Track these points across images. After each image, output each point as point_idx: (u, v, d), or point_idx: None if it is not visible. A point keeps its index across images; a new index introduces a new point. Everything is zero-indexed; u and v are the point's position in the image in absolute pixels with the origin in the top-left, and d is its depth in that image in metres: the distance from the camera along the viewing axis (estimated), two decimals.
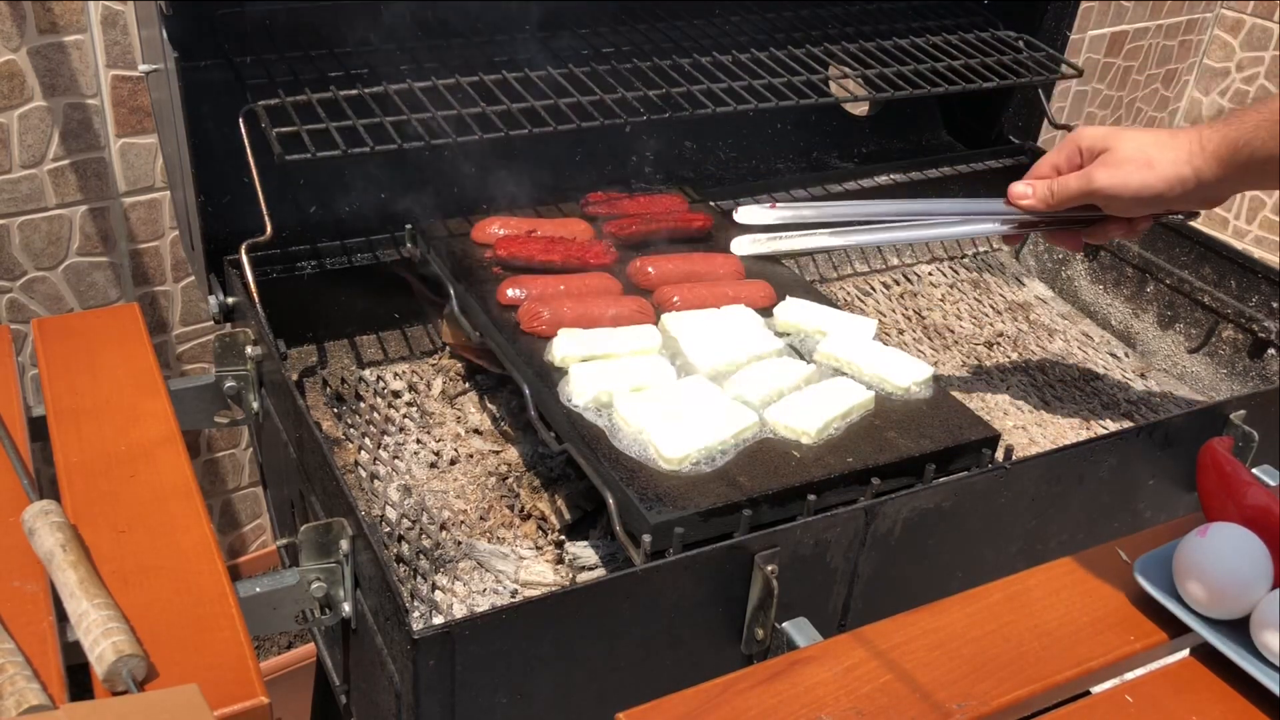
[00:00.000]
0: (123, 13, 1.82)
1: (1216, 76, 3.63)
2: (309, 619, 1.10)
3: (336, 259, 1.49)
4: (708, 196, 1.63)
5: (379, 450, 1.36)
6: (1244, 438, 1.33)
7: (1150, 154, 1.18)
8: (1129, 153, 1.19)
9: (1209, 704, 0.96)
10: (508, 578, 1.20)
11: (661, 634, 1.04)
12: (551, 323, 1.28)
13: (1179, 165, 1.16)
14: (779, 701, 0.91)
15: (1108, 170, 1.20)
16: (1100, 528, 1.32)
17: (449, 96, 1.41)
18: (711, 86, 1.51)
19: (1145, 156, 1.18)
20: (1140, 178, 1.18)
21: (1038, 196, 1.28)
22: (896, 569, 1.15)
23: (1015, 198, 1.30)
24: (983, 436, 1.20)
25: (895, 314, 1.75)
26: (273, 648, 2.37)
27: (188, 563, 0.99)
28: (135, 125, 1.90)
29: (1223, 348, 1.66)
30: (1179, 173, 1.16)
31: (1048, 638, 1.00)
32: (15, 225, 1.86)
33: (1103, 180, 1.21)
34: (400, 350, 1.53)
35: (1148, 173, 1.18)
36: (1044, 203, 1.28)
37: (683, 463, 1.11)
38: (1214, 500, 1.09)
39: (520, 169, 1.54)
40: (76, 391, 1.20)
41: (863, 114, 1.96)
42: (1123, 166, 1.19)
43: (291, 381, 1.22)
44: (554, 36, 1.58)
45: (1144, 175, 1.18)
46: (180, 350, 2.12)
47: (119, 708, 0.82)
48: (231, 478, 2.31)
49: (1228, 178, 1.14)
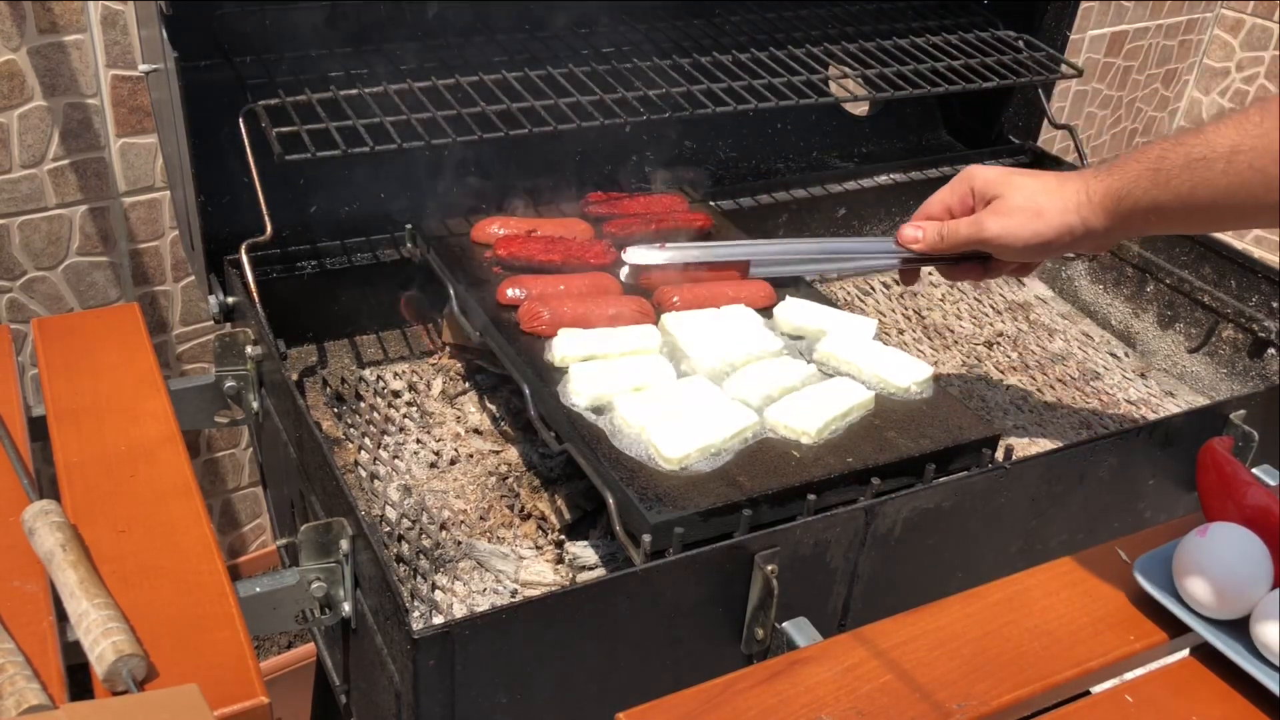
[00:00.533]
0: (123, 13, 1.82)
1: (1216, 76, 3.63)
2: (309, 619, 1.10)
3: (336, 259, 1.49)
4: (708, 196, 1.63)
5: (379, 450, 1.36)
6: (1244, 438, 1.33)
7: (1040, 202, 1.18)
8: (1019, 201, 1.20)
9: (1209, 704, 0.96)
10: (508, 578, 1.20)
11: (661, 634, 1.04)
12: (551, 323, 1.28)
13: (1067, 214, 1.17)
14: (779, 701, 0.91)
15: (998, 219, 1.21)
16: (1100, 528, 1.32)
17: (449, 96, 1.41)
18: (711, 86, 1.51)
19: (1035, 205, 1.18)
20: (1031, 228, 1.19)
21: (927, 241, 1.29)
22: (896, 569, 1.15)
23: (906, 241, 1.30)
24: (983, 436, 1.19)
25: (895, 314, 1.75)
26: (273, 648, 2.37)
27: (188, 563, 0.99)
28: (135, 125, 1.90)
29: (1223, 348, 1.66)
30: (1067, 222, 1.17)
31: (1048, 638, 1.00)
32: (15, 225, 1.86)
33: (993, 229, 1.21)
34: (400, 350, 1.53)
35: (1037, 222, 1.18)
36: (934, 248, 1.28)
37: (683, 463, 1.11)
38: (1214, 500, 1.09)
39: (520, 169, 1.54)
40: (76, 391, 1.20)
41: (863, 114, 1.96)
42: (1013, 216, 1.20)
43: (291, 381, 1.22)
44: (554, 36, 1.58)
45: (1034, 225, 1.18)
46: (180, 350, 2.12)
47: (119, 708, 0.82)
48: (231, 478, 2.31)
49: (1114, 227, 1.15)
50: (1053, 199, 1.18)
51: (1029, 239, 1.19)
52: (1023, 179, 1.22)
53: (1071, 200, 1.17)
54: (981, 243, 1.23)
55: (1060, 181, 1.19)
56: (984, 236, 1.22)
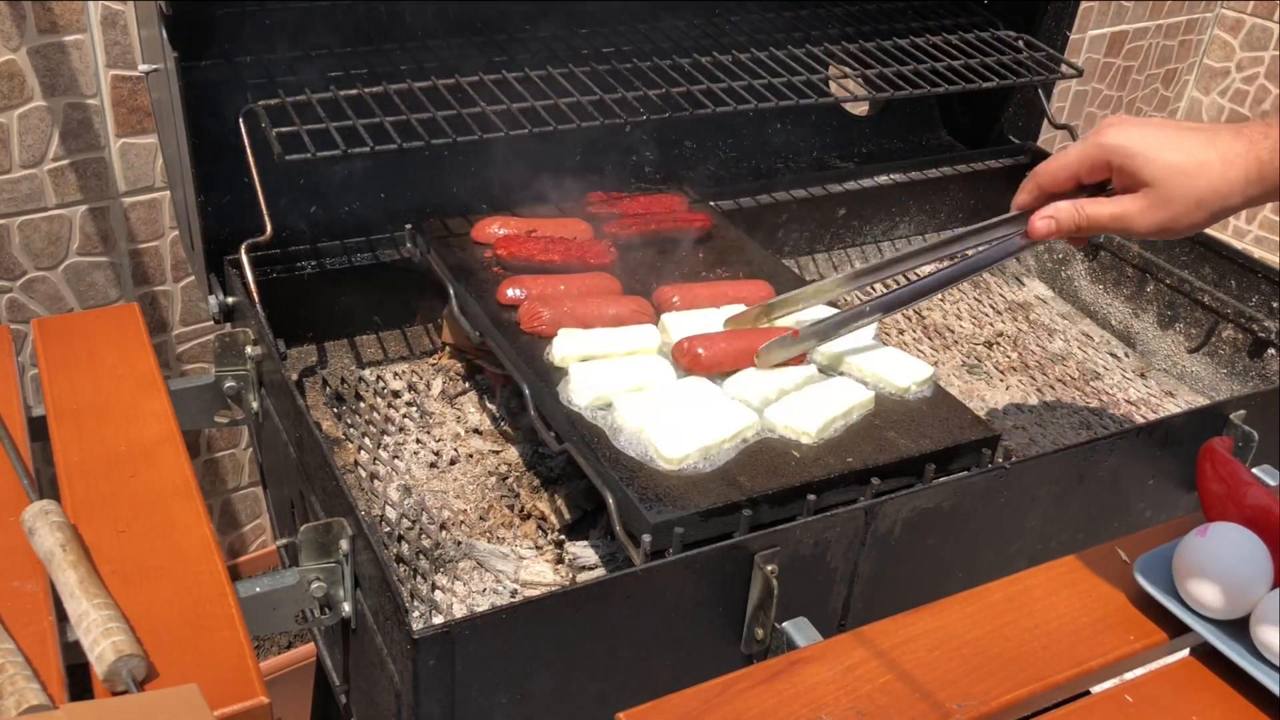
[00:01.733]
0: (123, 13, 1.81)
1: (1216, 76, 3.63)
2: (309, 619, 1.10)
3: (336, 259, 1.49)
4: (708, 196, 1.63)
5: (379, 450, 1.36)
6: (1244, 438, 1.33)
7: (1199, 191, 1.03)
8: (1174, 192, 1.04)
9: (1209, 704, 0.96)
10: (508, 578, 1.20)
11: (661, 634, 1.04)
12: (551, 323, 1.28)
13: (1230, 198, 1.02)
14: (779, 701, 0.91)
15: (1150, 215, 1.06)
16: (1100, 528, 1.32)
17: (448, 96, 1.41)
18: (711, 86, 1.51)
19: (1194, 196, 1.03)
20: (1190, 219, 1.05)
21: (1062, 227, 1.12)
22: (896, 569, 1.15)
23: (1039, 235, 1.14)
24: (983, 436, 1.19)
25: (895, 314, 1.75)
26: (273, 648, 2.37)
27: (188, 563, 0.99)
28: (135, 125, 1.90)
29: (1223, 348, 1.66)
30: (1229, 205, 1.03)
31: (1048, 638, 1.00)
32: (15, 225, 1.86)
33: (1147, 223, 1.06)
34: (400, 350, 1.53)
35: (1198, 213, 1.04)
36: (1071, 233, 1.13)
37: (683, 463, 1.11)
38: (1214, 500, 1.09)
39: (520, 169, 1.54)
40: (76, 391, 1.20)
41: (863, 114, 1.96)
42: (1170, 207, 1.05)
43: (291, 381, 1.22)
44: (554, 36, 1.58)
45: (1192, 217, 1.04)
46: (180, 350, 2.12)
47: (119, 708, 0.82)
48: (231, 478, 2.31)
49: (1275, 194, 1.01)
50: (1214, 183, 1.02)
51: (1186, 229, 1.06)
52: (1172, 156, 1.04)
53: (1238, 180, 1.02)
54: (1128, 232, 1.09)
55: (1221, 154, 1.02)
56: (1133, 229, 1.07)
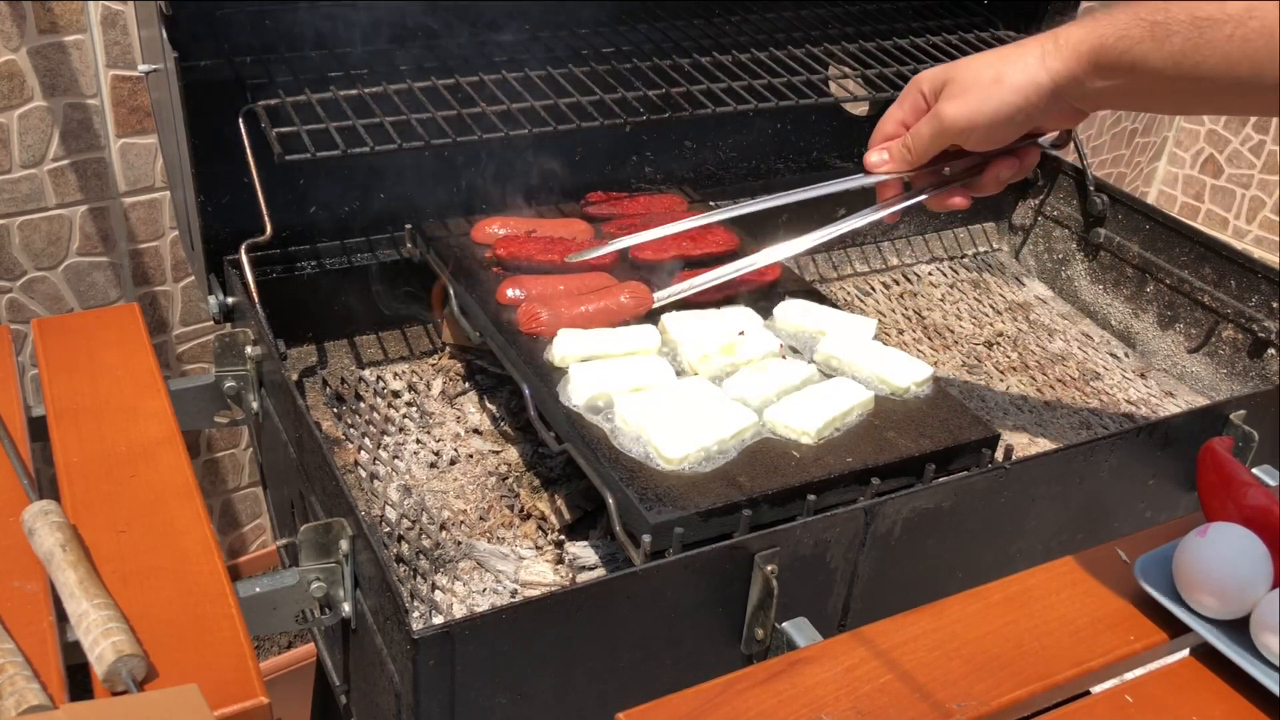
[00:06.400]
0: (123, 13, 1.82)
1: None
2: (309, 619, 1.10)
3: (336, 259, 1.49)
4: (708, 196, 1.63)
5: (379, 450, 1.36)
6: (1244, 438, 1.33)
7: (997, 69, 1.06)
8: (973, 75, 1.08)
9: (1209, 704, 0.96)
10: (508, 578, 1.20)
11: (661, 634, 1.04)
12: (551, 323, 1.28)
13: (1030, 70, 1.04)
14: (779, 701, 0.91)
15: (954, 102, 1.09)
16: (1100, 528, 1.32)
17: (449, 96, 1.41)
18: (711, 86, 1.51)
19: (992, 74, 1.06)
20: (995, 98, 1.06)
21: (895, 158, 1.17)
22: (896, 569, 1.15)
23: (873, 167, 1.18)
24: (983, 436, 1.19)
25: (895, 314, 1.75)
26: (273, 648, 2.37)
27: (188, 563, 0.99)
28: (135, 125, 1.90)
29: (1223, 348, 1.66)
30: (1033, 79, 1.04)
31: (1048, 638, 1.00)
32: (15, 225, 1.86)
33: (953, 113, 1.09)
34: (400, 350, 1.53)
35: (999, 89, 1.06)
36: (904, 163, 1.16)
37: (682, 463, 1.11)
38: (1214, 500, 1.09)
39: (520, 169, 1.54)
40: (76, 391, 1.20)
41: (863, 114, 1.96)
42: (970, 91, 1.08)
43: (291, 381, 1.22)
44: (554, 36, 1.58)
45: (996, 94, 1.06)
46: (180, 350, 2.12)
47: (119, 708, 0.82)
48: (231, 478, 2.31)
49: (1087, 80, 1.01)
50: (1010, 61, 1.06)
51: (994, 112, 1.07)
52: (973, 56, 1.10)
53: (1034, 54, 1.04)
54: (945, 133, 1.11)
55: (1019, 43, 1.07)
56: (945, 125, 1.10)
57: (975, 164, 1.19)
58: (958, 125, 1.10)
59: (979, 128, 1.09)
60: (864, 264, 1.85)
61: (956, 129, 1.10)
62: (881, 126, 1.19)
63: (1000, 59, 1.07)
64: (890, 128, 1.18)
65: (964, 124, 1.09)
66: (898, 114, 1.17)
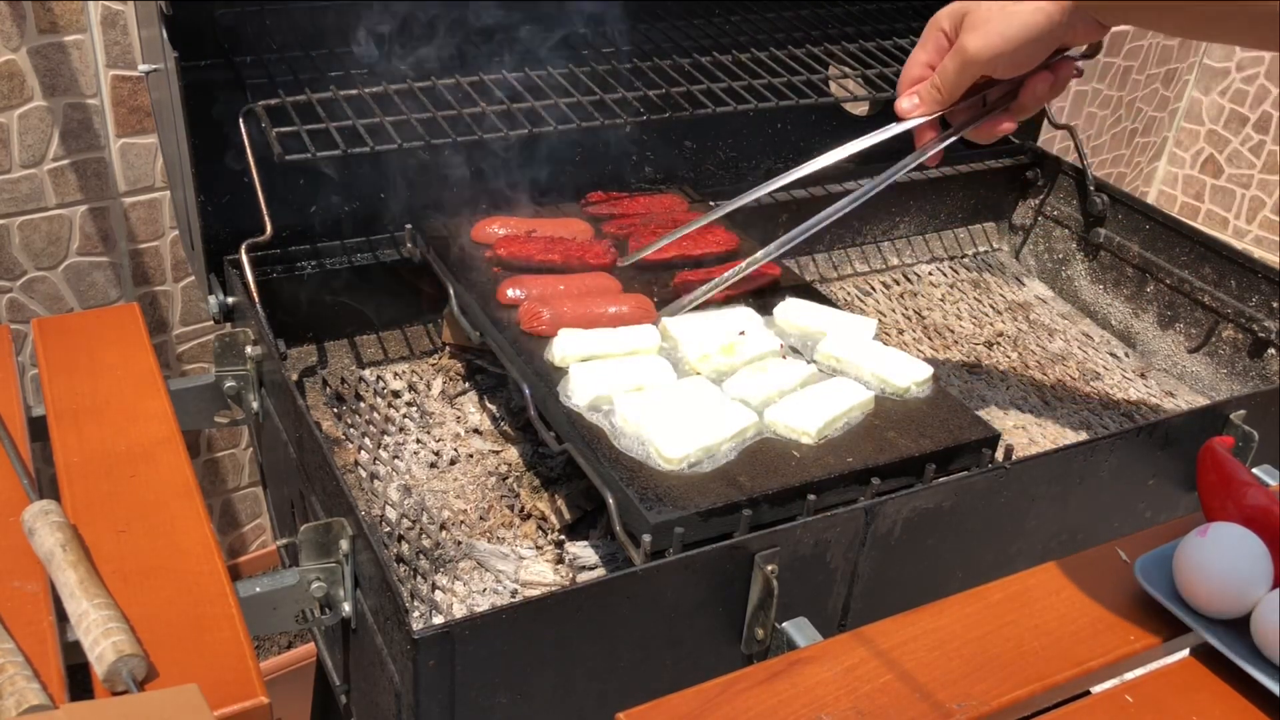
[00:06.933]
0: (123, 13, 1.82)
1: (1216, 76, 3.63)
2: (309, 619, 1.10)
3: (336, 259, 1.49)
4: (708, 196, 1.63)
5: (379, 450, 1.36)
6: (1244, 438, 1.33)
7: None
8: (985, 6, 1.09)
9: (1209, 704, 0.96)
10: (508, 578, 1.20)
11: (661, 634, 1.04)
12: (551, 323, 1.28)
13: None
14: (779, 701, 0.91)
15: (977, 32, 1.10)
16: (1100, 528, 1.32)
17: (449, 96, 1.41)
18: (711, 86, 1.51)
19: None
20: (1013, 22, 1.07)
21: (926, 100, 1.18)
22: (896, 569, 1.15)
23: (905, 113, 1.20)
24: (983, 436, 1.20)
25: (895, 314, 1.75)
26: (273, 648, 2.37)
27: (188, 563, 0.99)
28: (135, 125, 1.90)
29: (1223, 348, 1.66)
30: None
31: (1048, 638, 1.00)
32: (15, 225, 1.86)
33: (975, 44, 1.10)
34: (400, 350, 1.53)
35: (1020, 11, 1.06)
36: (936, 103, 1.17)
37: (682, 463, 1.11)
38: (1214, 500, 1.09)
39: (520, 169, 1.54)
40: (76, 391, 1.20)
41: (863, 114, 1.96)
42: (992, 19, 1.08)
43: (291, 381, 1.22)
44: (554, 36, 1.58)
45: (1019, 16, 1.07)
46: (180, 350, 2.12)
47: (119, 708, 0.82)
48: (231, 478, 2.31)
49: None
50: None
51: (1018, 34, 1.08)
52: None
53: None
54: (971, 65, 1.12)
55: None
56: (969, 57, 1.11)
57: (1010, 89, 1.18)
58: (984, 55, 1.10)
59: (1005, 54, 1.09)
60: (864, 264, 1.85)
61: (984, 59, 1.10)
62: (908, 71, 1.19)
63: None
64: (916, 71, 1.18)
65: (990, 53, 1.09)
66: (922, 56, 1.17)
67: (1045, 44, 1.09)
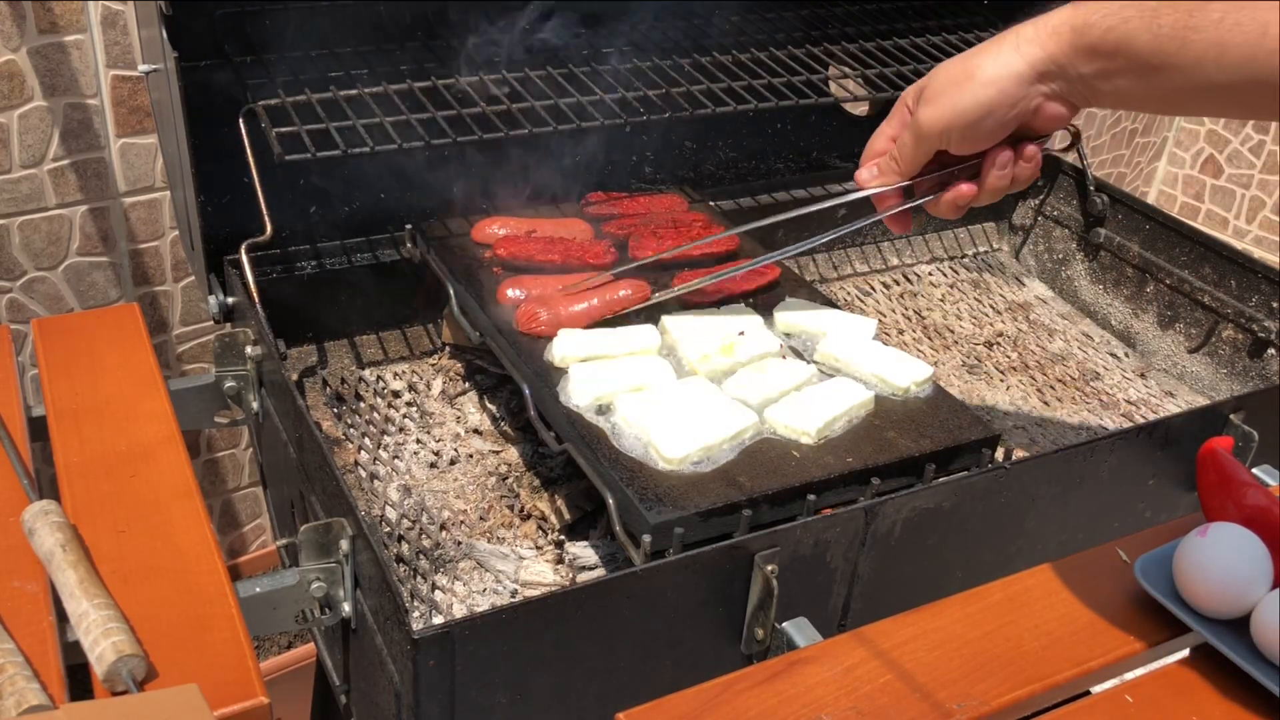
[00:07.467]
0: (123, 13, 1.82)
1: None
2: (309, 619, 1.10)
3: (336, 259, 1.49)
4: (708, 196, 1.63)
5: (379, 450, 1.36)
6: (1244, 438, 1.33)
7: (969, 64, 1.01)
8: (946, 76, 1.03)
9: (1209, 704, 0.96)
10: (508, 578, 1.20)
11: (661, 634, 1.04)
12: (551, 323, 1.28)
13: (1004, 58, 0.98)
14: (779, 701, 0.91)
15: (930, 105, 1.04)
16: (1100, 528, 1.32)
17: (449, 96, 1.41)
18: (711, 86, 1.51)
19: (964, 70, 1.01)
20: (967, 95, 1.01)
21: (884, 171, 1.13)
22: (896, 569, 1.15)
23: (863, 182, 1.15)
24: (983, 436, 1.20)
25: (895, 314, 1.75)
26: (273, 648, 2.37)
27: (188, 563, 0.99)
28: (135, 125, 1.90)
29: (1223, 348, 1.66)
30: (1009, 68, 0.98)
31: (1048, 638, 1.00)
32: (15, 225, 1.86)
33: (929, 116, 1.04)
34: (400, 350, 1.53)
35: (971, 85, 1.01)
36: (894, 174, 1.12)
37: (682, 463, 1.11)
38: (1214, 500, 1.09)
39: (521, 169, 1.54)
40: (76, 391, 1.20)
41: (863, 114, 1.96)
42: (945, 92, 1.03)
43: (291, 381, 1.22)
44: (554, 36, 1.58)
45: (969, 90, 1.01)
46: (180, 350, 2.12)
47: (119, 708, 0.82)
48: (231, 478, 2.31)
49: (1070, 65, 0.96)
50: (984, 55, 1.00)
51: (968, 109, 1.01)
52: (950, 59, 1.05)
53: (1009, 44, 0.99)
54: (926, 138, 1.06)
55: (995, 37, 1.01)
56: (923, 130, 1.05)
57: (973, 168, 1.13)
58: (935, 128, 1.05)
59: (955, 128, 1.04)
60: (864, 264, 1.85)
61: (935, 132, 1.06)
62: (872, 144, 1.16)
63: (974, 54, 1.02)
64: (880, 144, 1.15)
65: (941, 125, 1.04)
66: (887, 130, 1.14)
67: (1000, 121, 1.03)
